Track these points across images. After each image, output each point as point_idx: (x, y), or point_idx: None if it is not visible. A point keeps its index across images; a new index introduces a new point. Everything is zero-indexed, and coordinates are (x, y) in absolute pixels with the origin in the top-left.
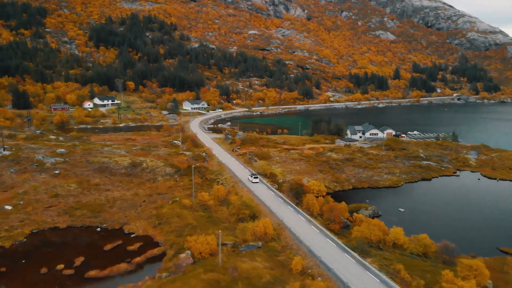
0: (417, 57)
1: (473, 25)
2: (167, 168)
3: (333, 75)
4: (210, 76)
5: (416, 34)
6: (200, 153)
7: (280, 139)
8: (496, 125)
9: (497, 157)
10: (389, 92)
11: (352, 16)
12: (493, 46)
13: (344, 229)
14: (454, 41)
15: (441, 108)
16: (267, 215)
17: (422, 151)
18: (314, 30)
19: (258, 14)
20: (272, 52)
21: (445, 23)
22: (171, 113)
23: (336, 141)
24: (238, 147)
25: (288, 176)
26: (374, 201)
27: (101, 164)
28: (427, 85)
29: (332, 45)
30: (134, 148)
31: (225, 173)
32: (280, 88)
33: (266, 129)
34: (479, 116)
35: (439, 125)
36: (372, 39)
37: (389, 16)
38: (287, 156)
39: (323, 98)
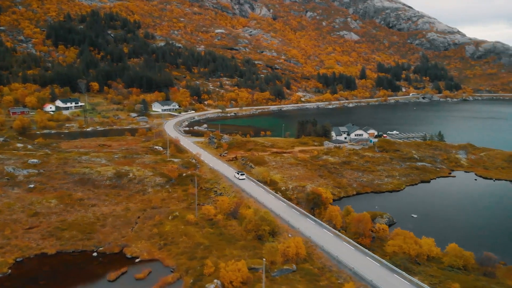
0: (381, 57)
1: (432, 25)
2: (157, 177)
3: (302, 75)
4: (179, 76)
5: (379, 35)
6: (190, 160)
7: (268, 142)
8: (469, 123)
9: (486, 156)
10: (357, 92)
11: (317, 17)
12: (452, 46)
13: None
14: (414, 41)
15: (409, 107)
16: (287, 230)
17: (415, 152)
18: (281, 30)
19: (224, 12)
20: (240, 51)
21: (405, 24)
22: (141, 115)
23: (324, 143)
24: (226, 151)
25: (290, 183)
26: (384, 207)
27: (82, 175)
28: (393, 84)
29: (299, 45)
30: (116, 156)
31: (222, 182)
32: (252, 89)
33: (247, 131)
34: (449, 114)
35: (415, 124)
36: (337, 39)
37: (352, 16)
38: (282, 160)
39: (295, 99)
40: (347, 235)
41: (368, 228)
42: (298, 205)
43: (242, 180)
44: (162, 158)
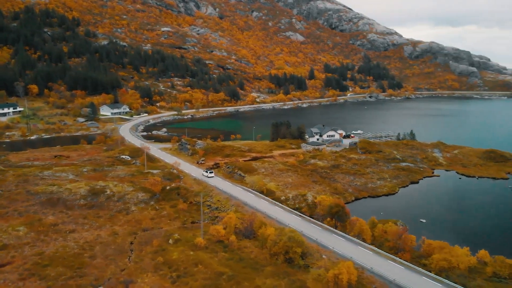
0: (326, 57)
1: (372, 27)
2: (139, 193)
3: (254, 76)
4: (126, 76)
5: (323, 36)
6: (171, 171)
7: (244, 146)
8: (423, 121)
9: (461, 154)
10: (308, 92)
11: (263, 17)
12: (391, 46)
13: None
14: (356, 42)
15: (359, 106)
16: (318, 250)
17: (396, 153)
18: (228, 30)
19: (169, 10)
20: (189, 50)
21: (347, 25)
22: (89, 120)
23: (301, 145)
24: (203, 158)
25: (287, 192)
26: (388, 213)
27: (50, 195)
28: (340, 84)
29: (248, 45)
30: (84, 170)
31: (214, 194)
32: (206, 89)
33: (213, 134)
34: (399, 112)
35: (373, 123)
36: (284, 40)
37: (296, 17)
38: (271, 167)
39: (250, 99)
40: (384, 250)
41: (409, 242)
42: (313, 218)
43: (211, 178)
44: (139, 170)
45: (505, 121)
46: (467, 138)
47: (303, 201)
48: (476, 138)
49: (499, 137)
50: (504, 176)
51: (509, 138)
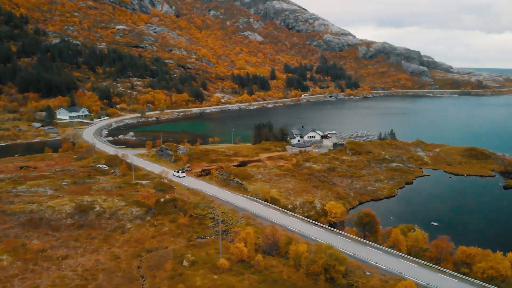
0: (285, 58)
1: (327, 27)
2: (133, 208)
3: (216, 76)
4: (82, 77)
5: (280, 36)
6: (162, 180)
7: (229, 150)
8: (389, 119)
9: (443, 152)
10: (272, 92)
11: (220, 16)
12: (346, 46)
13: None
14: (313, 43)
15: (322, 105)
16: (359, 266)
17: (384, 153)
18: (186, 28)
19: (123, 8)
20: (147, 49)
21: (303, 26)
22: (46, 125)
23: (286, 148)
24: (188, 165)
25: (292, 199)
26: (397, 217)
27: (30, 215)
28: (302, 84)
29: (207, 45)
30: (64, 184)
31: (216, 205)
32: (168, 90)
33: (185, 138)
34: (363, 111)
35: (342, 122)
36: (242, 40)
37: (254, 17)
38: (267, 172)
39: (215, 100)
40: (425, 261)
41: (449, 251)
42: (337, 228)
43: (183, 177)
44: (126, 181)
45: (467, 117)
46: (437, 135)
47: (311, 208)
48: (447, 135)
49: (466, 133)
50: (490, 174)
51: (476, 134)
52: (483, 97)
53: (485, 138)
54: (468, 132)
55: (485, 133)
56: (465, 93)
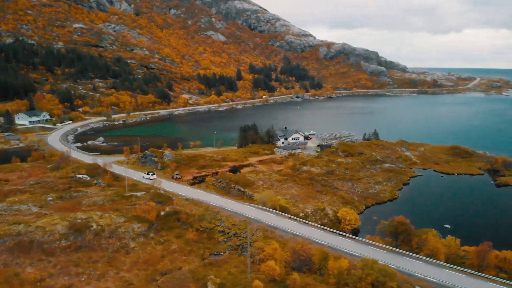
0: (249, 58)
1: (288, 28)
2: (133, 224)
3: (182, 76)
4: (39, 79)
5: (243, 36)
6: (158, 191)
7: (217, 155)
8: (358, 119)
9: (428, 152)
10: (240, 93)
11: (181, 15)
12: (307, 47)
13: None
14: (275, 43)
15: (291, 106)
16: (406, 279)
17: (375, 154)
18: (147, 27)
19: (79, 5)
20: (107, 49)
21: (265, 26)
22: (4, 131)
23: (275, 150)
24: (177, 172)
25: (301, 206)
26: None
27: (18, 237)
28: (268, 85)
29: (170, 44)
30: (49, 199)
31: (223, 216)
32: (132, 91)
33: (162, 142)
34: (332, 111)
35: (315, 122)
36: (205, 39)
37: (216, 17)
38: (267, 177)
39: (182, 101)
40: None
41: (493, 258)
42: (369, 237)
43: (152, 179)
44: (118, 193)
45: (435, 115)
46: (411, 134)
47: (324, 216)
48: (421, 134)
49: (440, 131)
50: (479, 172)
51: (449, 132)
52: (439, 95)
53: (460, 136)
54: (441, 130)
55: (458, 131)
56: (422, 92)
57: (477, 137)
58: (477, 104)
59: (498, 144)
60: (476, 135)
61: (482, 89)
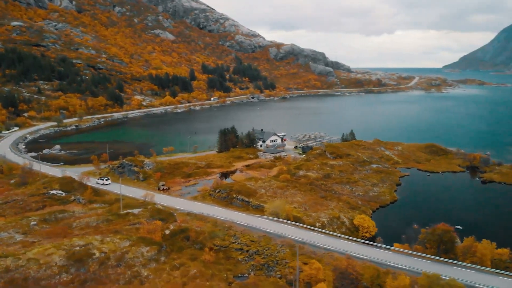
0: (200, 58)
1: (238, 28)
2: (141, 248)
3: (132, 77)
4: None
5: (193, 35)
6: (157, 206)
7: (201, 162)
8: (321, 118)
9: (405, 150)
10: (196, 94)
11: (127, 12)
12: (257, 48)
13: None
14: (226, 43)
15: (249, 106)
16: None
17: (361, 155)
18: (91, 25)
19: (16, 2)
20: (50, 48)
21: (215, 26)
22: None
23: (258, 154)
24: (162, 183)
25: (315, 215)
26: (416, 223)
27: (7, 274)
28: (224, 86)
29: (117, 43)
30: (33, 223)
31: (237, 232)
32: (81, 93)
33: (131, 149)
34: (293, 112)
35: (281, 124)
36: (153, 38)
37: (163, 15)
38: (267, 185)
39: (136, 103)
40: None
41: None
42: (397, 246)
43: (107, 185)
44: (111, 211)
45: (391, 113)
46: (376, 132)
47: (341, 225)
48: (387, 131)
49: (402, 129)
50: (461, 169)
51: (413, 130)
52: (385, 94)
53: (427, 133)
54: (406, 128)
55: (424, 128)
56: (368, 91)
57: (444, 134)
58: (424, 101)
59: (463, 139)
60: (441, 132)
61: (423, 87)
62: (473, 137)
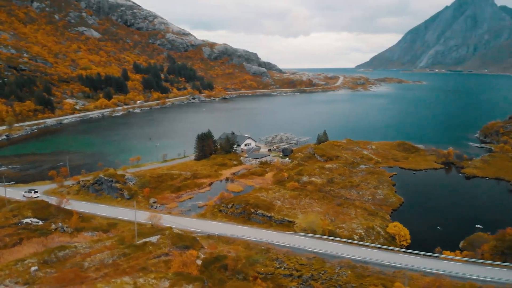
0: (130, 57)
1: (167, 26)
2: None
3: (59, 78)
4: None
5: (120, 33)
6: (175, 231)
7: (185, 172)
8: (273, 119)
9: (380, 149)
10: (132, 95)
11: (46, 8)
12: (190, 47)
13: None
14: (156, 42)
15: (193, 108)
16: None
17: (347, 156)
18: (8, 22)
19: None
20: None
21: (143, 23)
22: None
23: (242, 160)
24: (154, 200)
25: (346, 226)
26: (437, 225)
27: None
28: (161, 86)
29: (38, 41)
30: (34, 268)
31: (279, 255)
32: (6, 98)
33: (86, 161)
34: (242, 112)
35: (234, 125)
36: (78, 36)
37: (86, 11)
38: (281, 196)
39: (69, 108)
40: None
41: None
42: (447, 253)
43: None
44: (122, 241)
45: (336, 112)
46: (334, 131)
47: (378, 235)
48: (343, 130)
49: (359, 127)
50: (440, 166)
51: (370, 127)
52: (317, 93)
53: (385, 131)
54: (362, 126)
55: (380, 126)
56: (301, 91)
57: (403, 130)
58: (358, 100)
59: (422, 135)
60: (397, 128)
61: (349, 86)
62: (429, 134)
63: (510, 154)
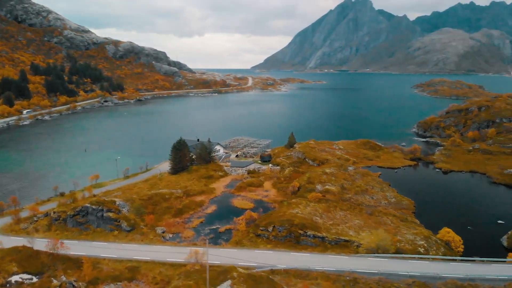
0: (25, 56)
1: (64, 23)
2: None
3: None
4: None
5: (11, 30)
6: (242, 272)
7: (177, 190)
8: (208, 122)
9: (348, 149)
10: (36, 100)
11: None
12: (92, 45)
13: None
14: (53, 39)
15: (109, 112)
16: None
17: (332, 158)
18: None
19: None
20: None
21: (37, 19)
22: None
23: (226, 169)
24: (162, 229)
25: (402, 239)
26: (455, 225)
27: None
28: (67, 88)
29: None
30: None
31: (371, 285)
32: None
33: (21, 187)
34: (170, 116)
35: (173, 131)
36: None
37: None
38: (312, 210)
39: None
40: None
41: None
42: None
43: None
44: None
45: (269, 113)
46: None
47: (438, 245)
48: None
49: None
50: (414, 163)
51: (315, 126)
52: (231, 94)
53: (335, 129)
54: (304, 126)
55: (327, 125)
56: (217, 91)
57: (346, 128)
58: (278, 100)
59: (366, 133)
60: (339, 127)
61: (260, 87)
62: (370, 131)
63: (464, 147)
